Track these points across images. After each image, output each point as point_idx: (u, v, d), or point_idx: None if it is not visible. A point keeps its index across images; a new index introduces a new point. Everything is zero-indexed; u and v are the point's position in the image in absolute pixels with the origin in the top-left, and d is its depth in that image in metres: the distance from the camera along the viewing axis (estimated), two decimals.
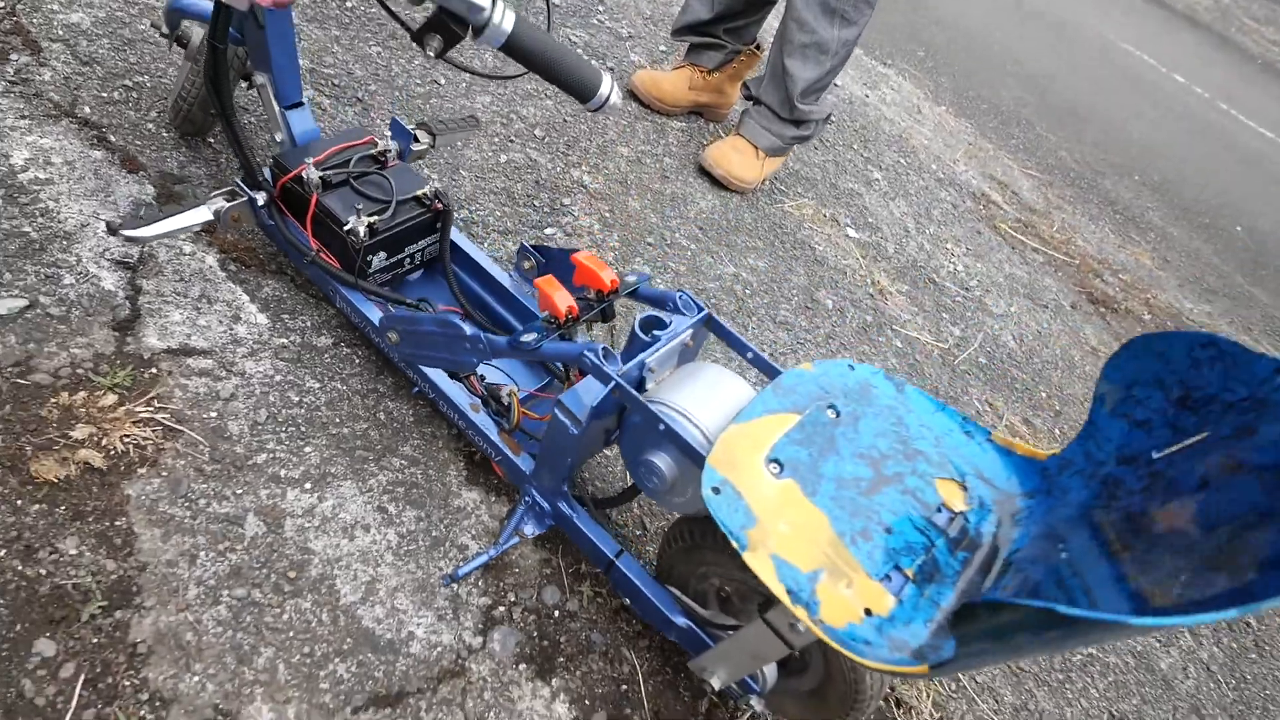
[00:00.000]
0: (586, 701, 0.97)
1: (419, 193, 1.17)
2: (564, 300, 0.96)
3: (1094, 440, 0.88)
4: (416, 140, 1.25)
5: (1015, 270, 2.64)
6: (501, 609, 1.01)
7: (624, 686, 1.00)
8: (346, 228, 1.08)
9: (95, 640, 0.81)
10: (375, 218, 1.10)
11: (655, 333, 0.96)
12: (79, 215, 1.18)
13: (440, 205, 1.18)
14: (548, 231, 1.63)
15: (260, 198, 1.12)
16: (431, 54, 0.96)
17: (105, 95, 1.39)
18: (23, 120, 1.27)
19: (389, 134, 1.23)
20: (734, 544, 0.79)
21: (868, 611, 0.78)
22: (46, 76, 1.36)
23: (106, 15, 1.53)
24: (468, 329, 0.98)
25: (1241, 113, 5.91)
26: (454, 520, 1.08)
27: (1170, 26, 7.03)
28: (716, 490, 0.82)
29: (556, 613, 1.04)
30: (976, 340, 2.16)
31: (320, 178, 1.12)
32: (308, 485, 1.02)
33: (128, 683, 0.79)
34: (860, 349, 1.84)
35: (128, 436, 0.96)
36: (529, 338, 0.95)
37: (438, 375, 1.09)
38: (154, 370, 1.05)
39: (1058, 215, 3.22)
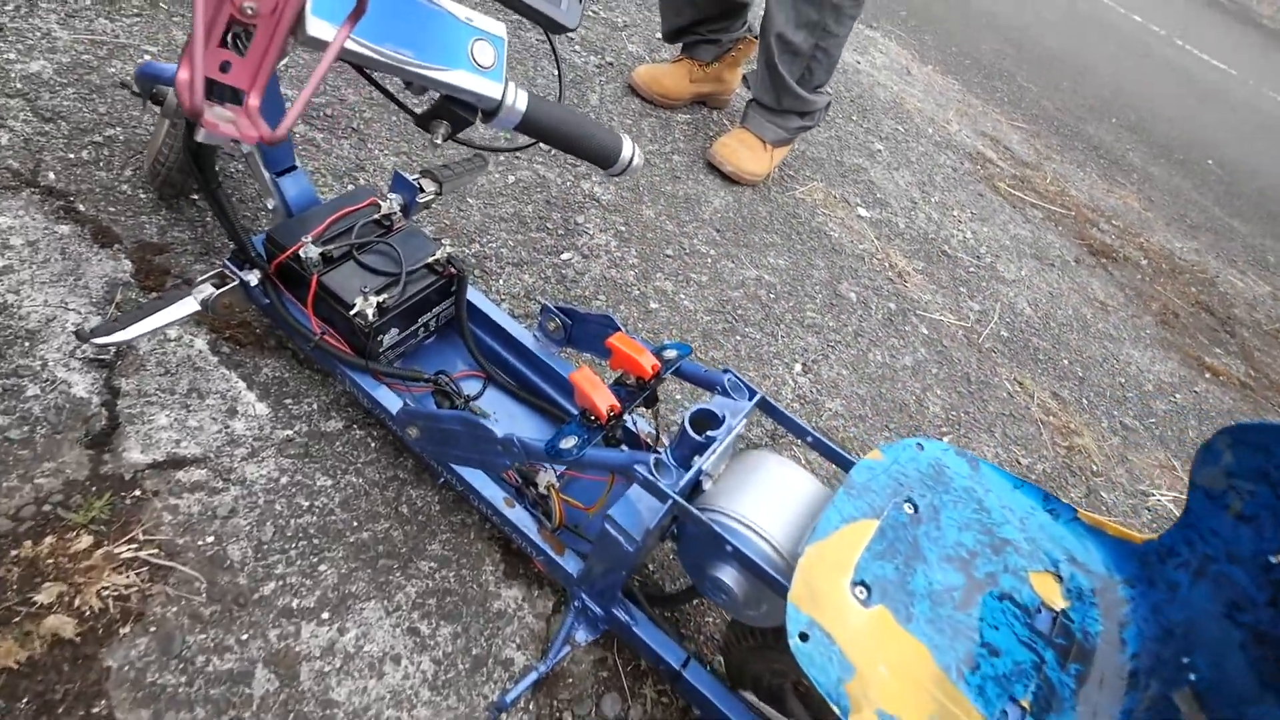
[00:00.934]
0: None
1: (430, 260, 0.87)
2: (604, 399, 0.66)
3: (1195, 531, 0.65)
4: (421, 190, 0.94)
5: (1019, 230, 2.30)
6: None
7: None
8: (354, 311, 0.79)
9: None
10: (384, 295, 0.81)
11: (709, 433, 0.68)
12: (44, 308, 0.89)
13: (454, 271, 0.88)
14: (564, 257, 1.32)
15: (253, 278, 0.83)
16: (439, 140, 0.67)
17: (71, 156, 1.07)
18: None
19: (391, 193, 0.91)
20: (835, 709, 0.54)
21: None
22: (4, 140, 1.04)
23: (71, 60, 1.19)
24: (498, 432, 0.70)
25: (1195, 47, 5.34)
26: (495, 630, 0.82)
27: None
28: (804, 636, 0.56)
29: None
30: (995, 313, 1.85)
31: (320, 254, 0.82)
32: (325, 615, 0.76)
33: None
34: (889, 342, 1.53)
35: (107, 589, 0.70)
36: (569, 444, 0.67)
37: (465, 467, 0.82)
38: (138, 492, 0.78)
39: (1049, 166, 2.83)
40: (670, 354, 0.75)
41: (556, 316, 0.88)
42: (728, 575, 0.68)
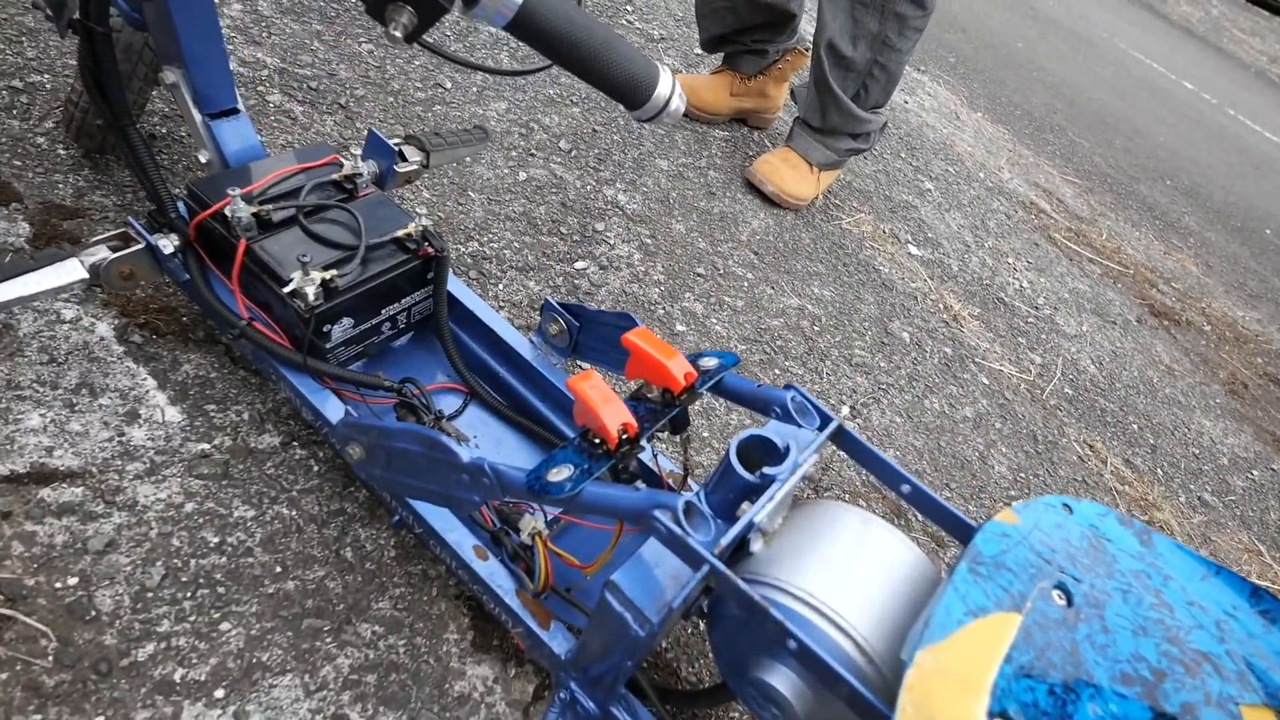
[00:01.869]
0: None
1: (400, 233, 0.71)
2: (615, 415, 0.49)
3: None
4: (402, 158, 0.79)
5: (1078, 284, 2.14)
6: None
7: None
8: (289, 288, 0.63)
9: None
10: (333, 272, 0.64)
11: (766, 470, 0.50)
12: None
13: (431, 249, 0.72)
14: (579, 265, 1.16)
15: (168, 244, 0.67)
16: (399, 34, 0.50)
17: None
18: None
19: (360, 153, 0.76)
20: None
21: None
22: None
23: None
24: (464, 455, 0.52)
25: (1246, 117, 5.31)
26: None
27: (1171, 37, 6.38)
28: None
29: None
30: (1058, 368, 1.67)
31: (254, 215, 0.66)
32: (219, 692, 0.57)
33: None
34: (947, 390, 1.35)
35: None
36: (561, 475, 0.49)
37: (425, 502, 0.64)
38: None
39: (1104, 223, 2.70)
40: (709, 362, 0.57)
41: (560, 317, 0.71)
42: (783, 682, 0.48)
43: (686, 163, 1.58)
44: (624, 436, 0.50)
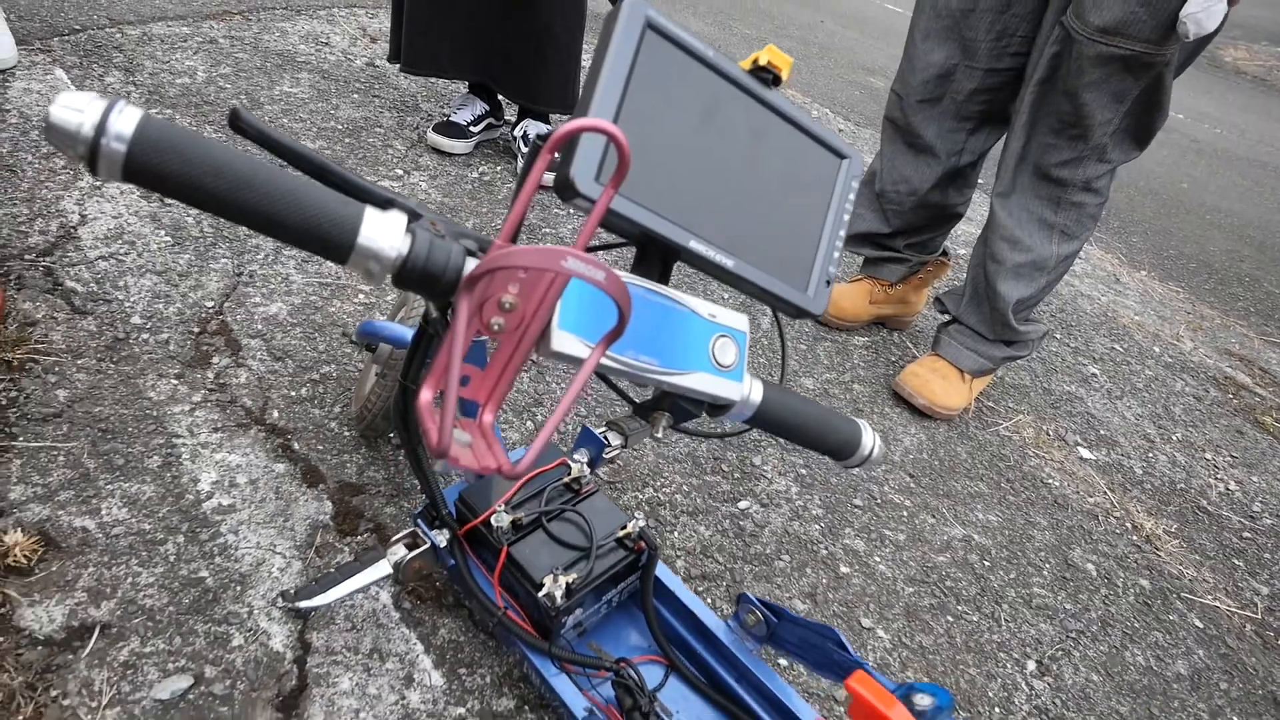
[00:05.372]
0: None
1: (620, 533, 0.97)
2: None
3: None
4: (608, 444, 1.08)
5: None
6: None
7: None
8: (543, 592, 0.89)
9: None
10: (573, 575, 0.91)
11: None
12: (256, 550, 1.08)
13: (643, 545, 0.97)
14: (742, 505, 1.39)
15: (442, 538, 0.97)
16: (659, 435, 0.79)
17: (294, 394, 1.35)
18: (215, 434, 1.24)
19: (576, 450, 1.06)
20: None
21: None
22: (242, 379, 1.35)
23: (301, 301, 1.55)
24: None
25: None
26: None
27: None
28: None
29: None
30: None
31: (511, 522, 0.95)
32: None
33: None
34: (1151, 637, 1.39)
35: None
36: None
37: None
38: None
39: None
40: (924, 701, 0.74)
41: (757, 610, 0.92)
42: None
43: (831, 378, 1.82)
44: None
